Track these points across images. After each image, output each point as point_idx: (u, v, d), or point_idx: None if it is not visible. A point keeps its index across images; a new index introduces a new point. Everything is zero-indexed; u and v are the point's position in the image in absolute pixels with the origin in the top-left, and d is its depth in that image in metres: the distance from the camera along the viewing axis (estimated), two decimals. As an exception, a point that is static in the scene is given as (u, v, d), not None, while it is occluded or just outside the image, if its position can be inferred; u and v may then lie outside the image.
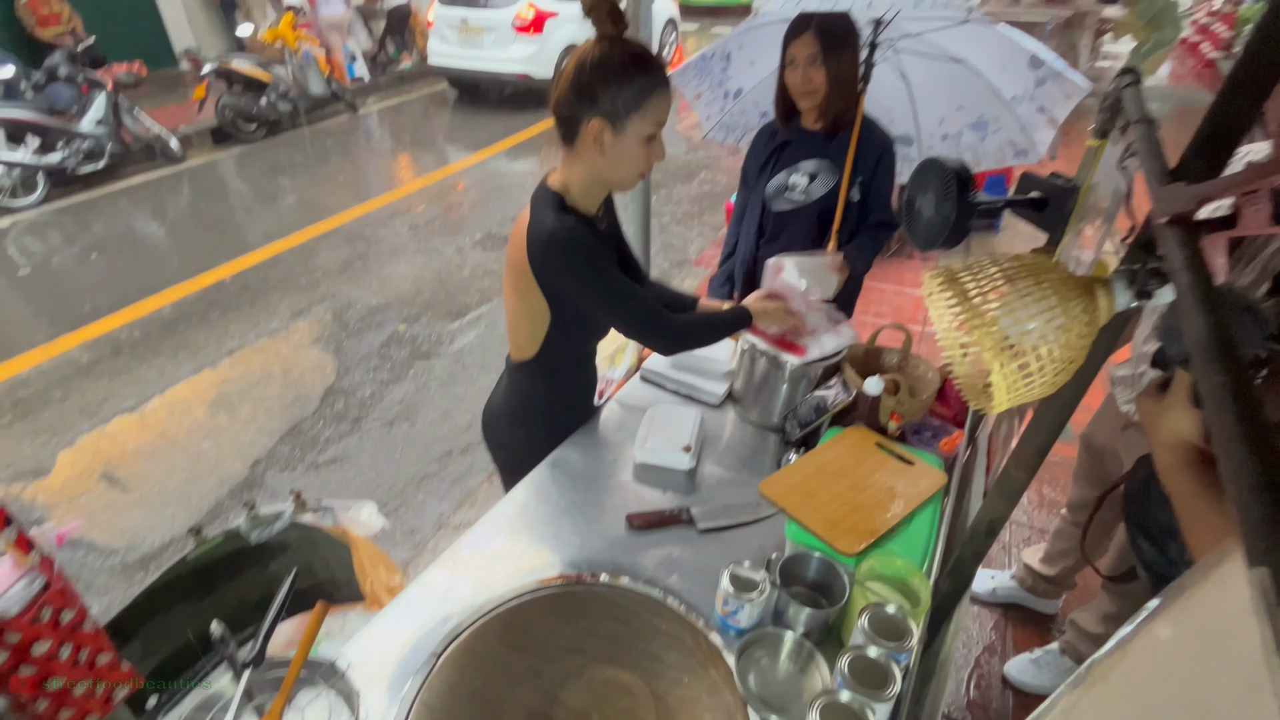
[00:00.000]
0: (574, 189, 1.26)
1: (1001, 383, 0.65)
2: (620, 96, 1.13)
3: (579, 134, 1.18)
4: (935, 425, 1.44)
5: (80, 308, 3.92)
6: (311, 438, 2.99)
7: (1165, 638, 0.36)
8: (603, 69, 1.12)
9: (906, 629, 0.95)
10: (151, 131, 5.86)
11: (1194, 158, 0.65)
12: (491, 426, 1.57)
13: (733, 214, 2.16)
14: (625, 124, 1.16)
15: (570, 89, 1.15)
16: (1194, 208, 0.58)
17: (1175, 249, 0.52)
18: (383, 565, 1.64)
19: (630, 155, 1.20)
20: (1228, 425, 0.33)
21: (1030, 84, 1.79)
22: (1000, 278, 0.67)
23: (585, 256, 1.22)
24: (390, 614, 1.11)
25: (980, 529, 0.98)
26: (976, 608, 2.08)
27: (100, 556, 2.39)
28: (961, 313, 0.67)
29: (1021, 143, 1.92)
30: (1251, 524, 0.27)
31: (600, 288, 1.26)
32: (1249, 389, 0.35)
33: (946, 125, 2.06)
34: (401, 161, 6.53)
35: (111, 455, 2.87)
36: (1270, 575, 0.25)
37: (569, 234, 1.19)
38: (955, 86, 1.95)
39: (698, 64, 2.09)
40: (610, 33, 1.14)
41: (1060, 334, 0.64)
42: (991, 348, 0.65)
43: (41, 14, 6.80)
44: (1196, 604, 0.36)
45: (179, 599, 1.51)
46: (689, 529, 1.28)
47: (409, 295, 4.11)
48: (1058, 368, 0.66)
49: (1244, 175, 0.59)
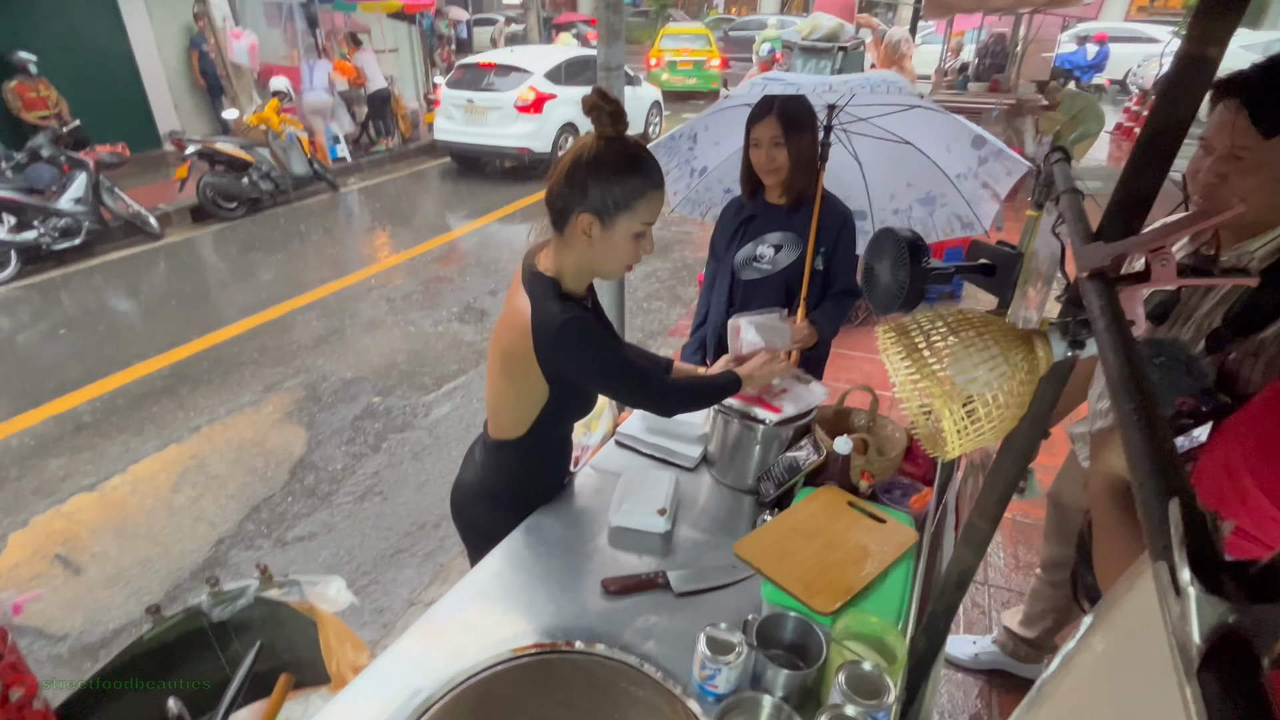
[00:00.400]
0: (566, 275, 1.28)
1: (952, 428, 0.69)
2: (611, 195, 1.17)
3: (569, 224, 1.22)
4: (905, 484, 1.46)
5: (44, 384, 3.84)
6: (279, 514, 2.90)
7: (1100, 650, 0.38)
8: (597, 167, 1.16)
9: (884, 686, 0.95)
10: (131, 209, 5.92)
11: (1111, 222, 0.72)
12: (464, 506, 1.53)
13: (703, 284, 2.24)
14: (614, 221, 1.20)
15: (564, 181, 1.19)
16: (1110, 263, 0.65)
17: (1094, 299, 0.57)
18: (350, 644, 1.58)
19: (617, 250, 1.24)
20: (1136, 444, 0.37)
21: (974, 162, 1.94)
22: (945, 330, 0.72)
23: (596, 344, 1.26)
24: (358, 686, 1.07)
25: (950, 582, 0.99)
26: (960, 675, 2.04)
27: (48, 642, 2.25)
28: (910, 363, 0.71)
29: (967, 216, 2.05)
30: (1154, 525, 0.31)
31: (613, 371, 1.31)
32: (1155, 415, 0.39)
33: (897, 200, 2.20)
34: (380, 238, 6.65)
35: (67, 535, 2.75)
36: (1166, 568, 0.28)
37: (578, 326, 1.22)
38: (903, 165, 2.09)
39: (667, 143, 2.22)
40: (609, 133, 1.18)
41: (1003, 380, 0.69)
42: (940, 395, 0.69)
43: (28, 98, 6.96)
44: (1120, 611, 0.39)
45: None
46: (665, 593, 1.27)
47: (384, 368, 4.10)
48: (1003, 413, 0.70)
49: (1151, 234, 0.66)
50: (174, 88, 8.87)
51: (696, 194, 2.38)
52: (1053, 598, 1.87)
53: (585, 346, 1.25)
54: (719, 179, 2.34)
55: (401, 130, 9.72)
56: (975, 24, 8.54)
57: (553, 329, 1.22)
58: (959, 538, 0.97)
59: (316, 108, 8.33)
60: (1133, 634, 0.36)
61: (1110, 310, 0.53)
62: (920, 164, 2.05)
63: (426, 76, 11.49)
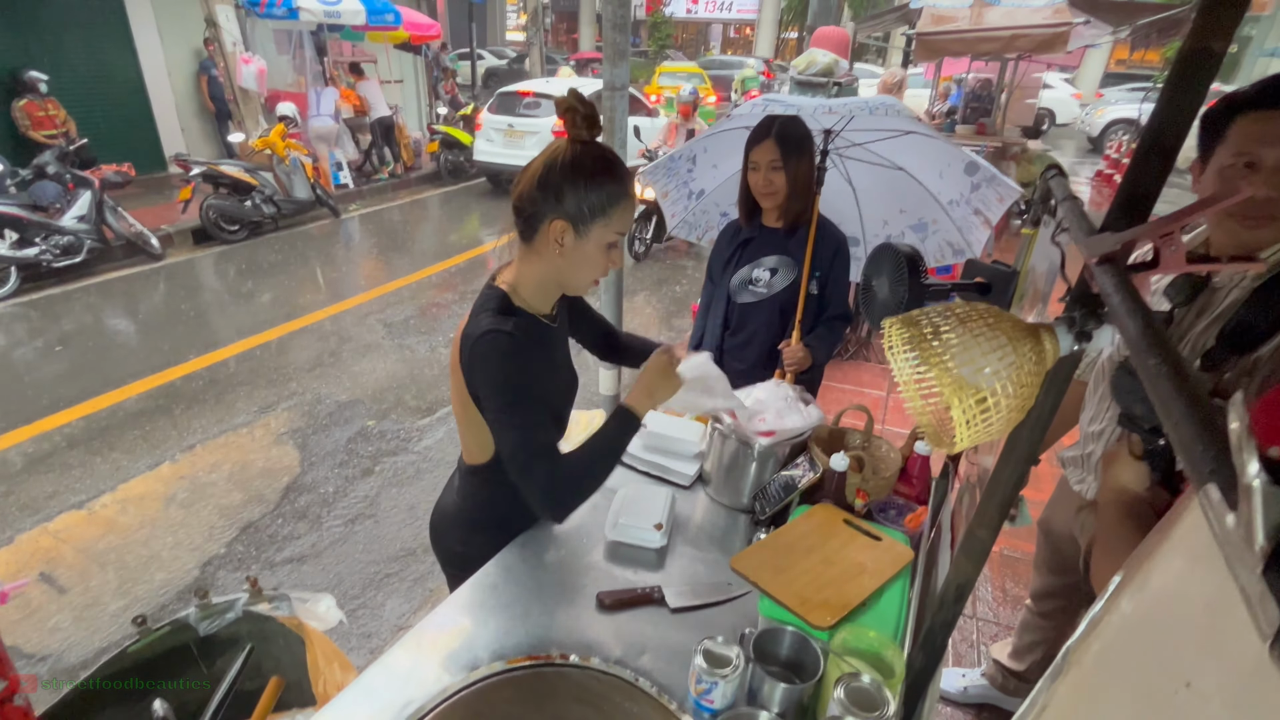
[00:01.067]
0: (525, 288, 1.23)
1: (961, 417, 0.70)
2: (588, 201, 1.13)
3: (539, 232, 1.16)
4: (899, 503, 1.47)
5: (38, 401, 3.82)
6: (269, 535, 2.87)
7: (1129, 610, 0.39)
8: (573, 172, 1.12)
9: (883, 699, 0.94)
10: (133, 229, 5.96)
11: (1116, 217, 0.75)
12: (443, 533, 1.48)
13: (699, 308, 2.27)
14: (589, 228, 1.15)
15: (536, 187, 1.14)
16: (1119, 249, 0.67)
17: (1106, 280, 0.60)
18: (337, 664, 1.55)
19: (589, 260, 1.19)
20: (1165, 391, 0.39)
21: (967, 188, 1.98)
22: (955, 320, 0.74)
23: (506, 368, 1.14)
24: (348, 696, 1.05)
25: (949, 595, 0.99)
26: (950, 709, 2.01)
27: (27, 663, 2.20)
28: (919, 353, 0.72)
29: (959, 243, 2.10)
30: (1194, 458, 0.33)
31: (504, 396, 1.15)
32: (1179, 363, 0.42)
33: (890, 226, 2.25)
34: (379, 264, 6.70)
35: (52, 554, 2.71)
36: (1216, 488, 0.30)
37: (496, 342, 1.13)
38: (897, 191, 2.14)
39: (666, 164, 2.27)
40: (584, 137, 1.14)
41: (1012, 370, 0.70)
42: (949, 384, 0.70)
43: (37, 116, 7.05)
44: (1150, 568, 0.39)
45: (116, 699, 1.40)
46: (660, 608, 1.26)
47: (379, 392, 4.10)
48: (1011, 404, 0.71)
49: (1160, 221, 0.68)
50: (181, 111, 9.00)
51: (694, 216, 2.43)
52: (1042, 629, 1.85)
53: (491, 365, 1.14)
54: (716, 202, 2.38)
55: (404, 159, 9.86)
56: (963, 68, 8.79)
57: (472, 339, 1.15)
58: (959, 548, 0.98)
59: (322, 134, 8.47)
60: (1167, 585, 0.37)
61: (1123, 287, 0.56)
62: (913, 190, 2.10)
63: (430, 107, 11.71)
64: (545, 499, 1.15)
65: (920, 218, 2.16)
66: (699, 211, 2.41)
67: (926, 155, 2.02)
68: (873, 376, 4.23)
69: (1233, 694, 0.29)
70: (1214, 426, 0.35)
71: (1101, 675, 0.41)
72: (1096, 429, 1.45)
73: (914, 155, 2.04)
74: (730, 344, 2.13)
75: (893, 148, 2.05)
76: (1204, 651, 0.32)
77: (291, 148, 7.30)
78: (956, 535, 1.43)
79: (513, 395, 1.15)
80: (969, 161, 1.95)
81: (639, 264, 6.63)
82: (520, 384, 1.16)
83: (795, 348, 1.89)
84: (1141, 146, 0.73)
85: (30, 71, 6.95)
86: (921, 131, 1.95)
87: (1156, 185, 0.74)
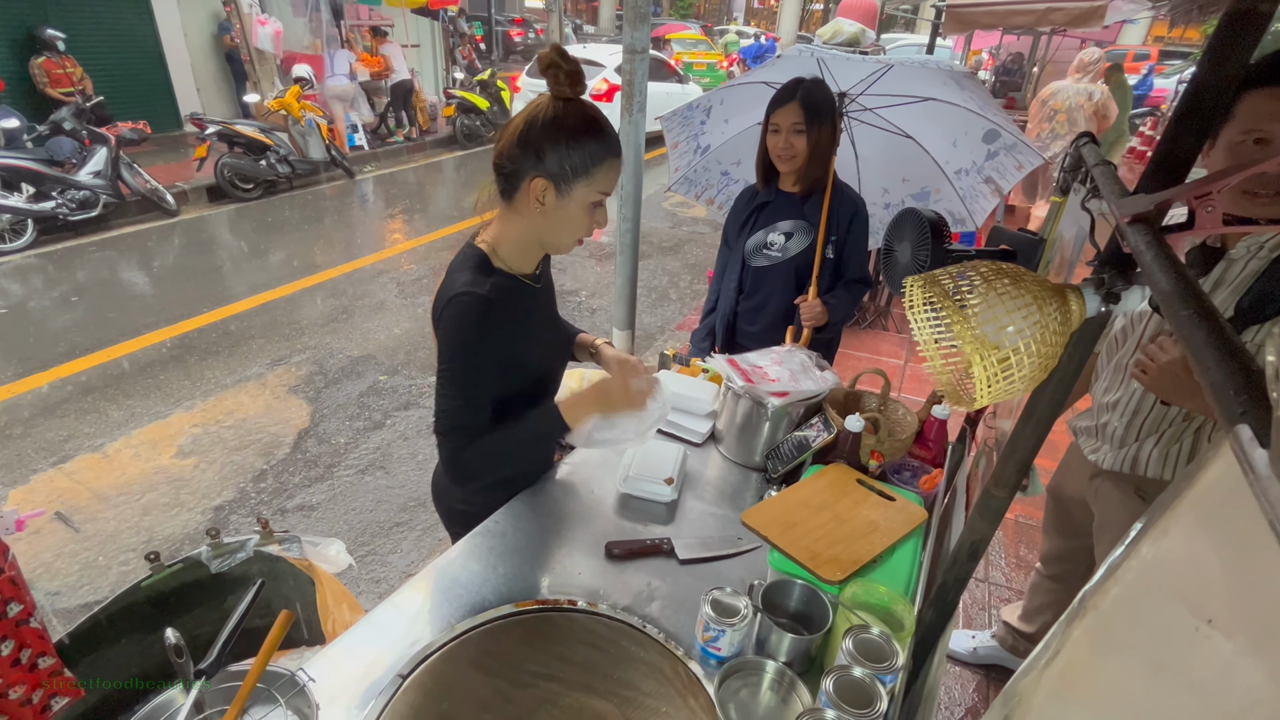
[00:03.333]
0: (505, 247, 1.19)
1: (982, 374, 0.68)
2: (570, 160, 1.08)
3: (520, 190, 1.12)
4: (914, 465, 1.45)
5: (54, 349, 3.85)
6: (280, 483, 2.90)
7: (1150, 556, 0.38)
8: (554, 129, 1.07)
9: (892, 651, 0.93)
10: (149, 185, 5.96)
11: (1150, 179, 0.72)
12: (445, 492, 1.46)
13: (715, 272, 2.24)
14: (571, 188, 1.11)
15: (517, 144, 1.09)
16: (1153, 209, 0.64)
17: (1138, 238, 0.57)
18: (346, 604, 1.57)
19: (571, 220, 1.15)
20: (1198, 339, 0.38)
21: (981, 157, 1.93)
22: (979, 279, 0.71)
23: (458, 328, 1.12)
24: (357, 632, 1.06)
25: (963, 552, 0.97)
26: (958, 669, 2.02)
27: (43, 597, 2.25)
28: (942, 311, 0.70)
29: (959, 213, 2.06)
30: (1227, 400, 0.33)
31: (452, 363, 1.14)
32: (1213, 312, 0.40)
33: (890, 195, 2.20)
34: (393, 225, 6.68)
35: (67, 494, 2.75)
36: (1248, 428, 0.29)
37: (466, 305, 1.11)
38: (901, 159, 2.10)
39: (684, 112, 2.21)
40: (567, 94, 1.09)
41: (1036, 330, 0.68)
42: (971, 341, 0.68)
43: (54, 73, 7.03)
44: (1172, 514, 0.38)
45: (129, 629, 1.43)
46: (669, 560, 1.26)
47: (391, 348, 4.11)
48: (1035, 362, 0.68)
49: (1197, 182, 0.65)
50: (197, 70, 8.94)
51: (695, 173, 2.37)
52: (1052, 591, 1.86)
53: (450, 328, 1.12)
54: (718, 160, 2.32)
55: (420, 122, 9.78)
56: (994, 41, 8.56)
57: (445, 299, 1.13)
58: (975, 506, 0.96)
59: (338, 93, 8.41)
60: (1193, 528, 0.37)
61: (1156, 243, 0.53)
62: (919, 159, 2.06)
63: (446, 72, 11.57)
64: (448, 467, 1.19)
65: (923, 186, 2.12)
66: (700, 168, 2.36)
67: (942, 123, 1.96)
68: (891, 346, 4.20)
69: (1257, 628, 0.30)
70: (1245, 370, 0.36)
71: (1119, 618, 0.41)
72: (1111, 399, 1.44)
73: (928, 123, 1.99)
74: (744, 307, 2.10)
75: (906, 115, 1.99)
76: (1229, 589, 0.33)
77: (307, 109, 7.25)
78: (972, 499, 1.41)
79: (459, 364, 1.14)
80: (989, 129, 1.89)
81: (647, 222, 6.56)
82: (471, 354, 1.13)
83: (813, 303, 1.86)
84: (1180, 108, 0.70)
85: (48, 29, 6.92)
86: (943, 99, 1.89)
87: (1194, 148, 0.71)
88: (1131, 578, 0.41)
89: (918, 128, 2.04)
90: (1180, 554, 0.37)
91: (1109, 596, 0.42)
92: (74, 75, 7.17)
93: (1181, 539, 0.37)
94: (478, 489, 1.38)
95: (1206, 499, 0.36)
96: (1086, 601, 0.43)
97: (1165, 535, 0.39)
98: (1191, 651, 0.33)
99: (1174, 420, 1.32)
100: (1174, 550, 0.38)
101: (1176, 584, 0.36)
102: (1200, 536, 0.36)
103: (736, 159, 2.32)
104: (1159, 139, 0.74)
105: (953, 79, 1.87)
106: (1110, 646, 0.42)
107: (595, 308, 4.87)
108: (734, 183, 2.40)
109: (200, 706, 0.88)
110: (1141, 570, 0.40)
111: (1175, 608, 0.35)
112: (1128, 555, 0.41)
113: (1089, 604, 0.43)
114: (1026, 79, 7.98)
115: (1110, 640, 0.41)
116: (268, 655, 0.90)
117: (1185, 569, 0.36)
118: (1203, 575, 0.35)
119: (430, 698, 0.99)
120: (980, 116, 1.92)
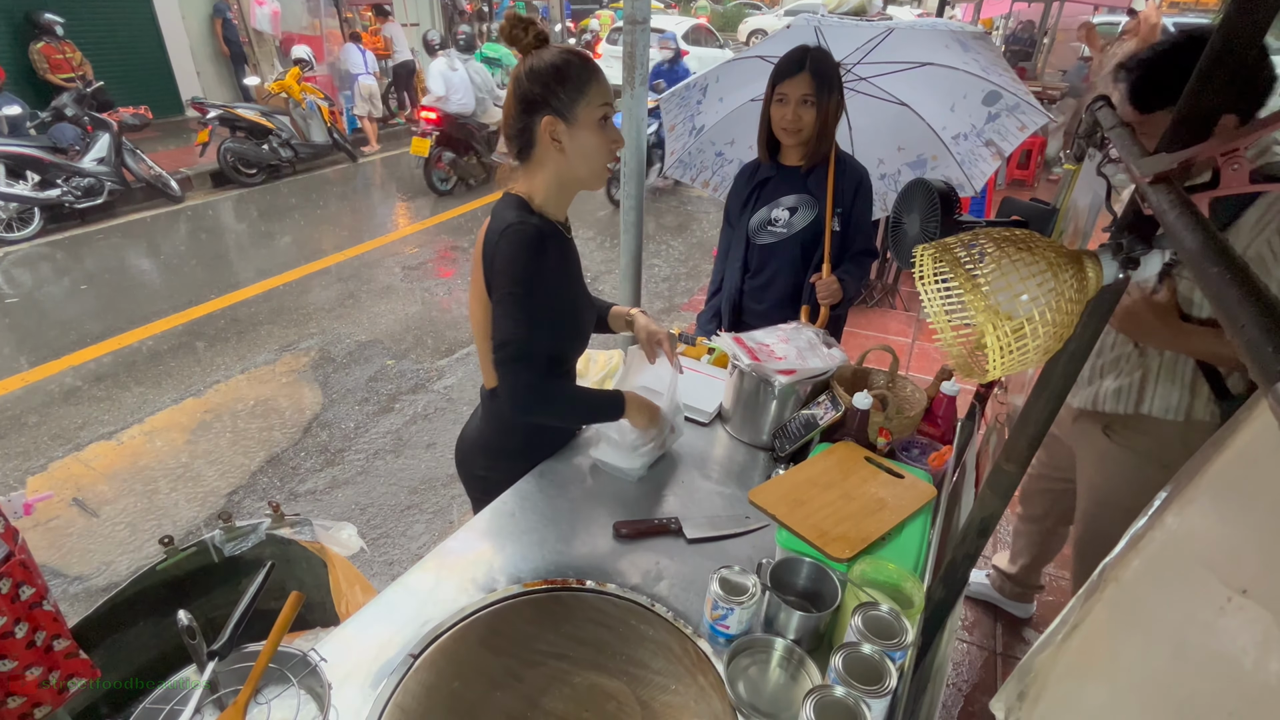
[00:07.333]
0: (539, 194, 1.24)
1: (995, 344, 0.66)
2: (564, 90, 1.16)
3: (535, 140, 1.20)
4: (923, 443, 1.44)
5: (65, 337, 3.88)
6: (291, 468, 2.93)
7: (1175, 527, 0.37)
8: (539, 72, 1.16)
9: (901, 628, 0.93)
10: (152, 171, 5.95)
11: (1172, 139, 0.69)
12: (467, 458, 1.50)
13: (719, 252, 2.21)
14: (574, 112, 1.18)
15: (516, 104, 1.19)
16: (1176, 167, 0.61)
17: (1160, 198, 0.55)
18: (359, 586, 1.58)
19: (589, 144, 1.20)
20: (1231, 297, 0.36)
21: (981, 119, 1.88)
22: (992, 245, 0.69)
23: (518, 252, 1.16)
24: (368, 613, 1.07)
25: (973, 528, 0.97)
26: (967, 645, 2.05)
27: (62, 582, 2.28)
28: (954, 280, 0.68)
29: (958, 178, 2.02)
30: (1265, 359, 0.31)
31: (515, 288, 1.17)
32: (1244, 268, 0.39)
33: (885, 165, 2.16)
34: (397, 207, 6.65)
35: (83, 481, 2.79)
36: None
37: (524, 232, 1.17)
38: (895, 128, 2.06)
39: (682, 92, 2.17)
40: (534, 46, 1.18)
41: (1051, 297, 0.66)
42: (984, 310, 0.66)
43: (54, 59, 6.98)
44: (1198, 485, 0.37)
45: (145, 613, 1.45)
46: (677, 539, 1.26)
47: (399, 332, 4.11)
48: (1049, 332, 0.67)
49: (1223, 138, 0.62)
50: (197, 54, 8.86)
51: (689, 155, 2.33)
52: (1028, 534, 2.00)
53: (510, 252, 1.16)
54: (712, 140, 2.28)
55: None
56: (1004, 9, 8.36)
57: (498, 231, 1.18)
58: (985, 482, 0.95)
59: (369, 93, 8.38)
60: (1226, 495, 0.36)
61: (1180, 201, 0.51)
62: (914, 126, 2.02)
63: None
64: (512, 399, 1.22)
65: (919, 154, 2.08)
66: (695, 150, 2.31)
67: (939, 88, 1.92)
68: (899, 324, 4.17)
69: None
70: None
71: (1141, 590, 0.40)
72: (1103, 361, 1.45)
73: (924, 89, 1.94)
74: (750, 286, 2.07)
75: (902, 82, 1.94)
76: (1267, 558, 0.31)
77: (307, 91, 7.18)
78: (981, 475, 1.40)
79: (523, 287, 1.18)
80: (990, 91, 1.84)
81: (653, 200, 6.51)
82: (534, 278, 1.18)
83: (828, 280, 1.84)
84: (1206, 59, 0.67)
85: (47, 14, 6.83)
86: (940, 62, 1.83)
87: (1220, 102, 0.68)
88: (1155, 549, 0.40)
89: (913, 95, 2.00)
90: (1210, 522, 0.36)
91: (1130, 568, 0.41)
92: (74, 60, 7.12)
93: (1211, 507, 0.36)
94: (501, 456, 1.44)
95: (1238, 464, 0.35)
96: (1106, 574, 0.42)
97: (1192, 504, 0.38)
98: (1221, 624, 0.32)
99: (1130, 357, 1.42)
100: (1203, 519, 0.37)
101: (1206, 553, 0.35)
102: (1233, 503, 0.35)
103: (730, 138, 2.28)
104: (1184, 92, 0.71)
105: (957, 40, 1.82)
106: (1132, 620, 0.41)
107: (600, 289, 4.85)
108: (729, 163, 2.36)
109: (214, 686, 0.89)
110: (1166, 540, 0.39)
111: (1204, 578, 0.34)
112: (1151, 525, 0.40)
113: (1109, 576, 0.42)
114: (1037, 48, 7.81)
115: (1132, 613, 0.41)
116: (279, 635, 0.91)
117: (1216, 538, 0.35)
118: (1236, 544, 0.34)
119: (442, 676, 1.00)
120: (981, 79, 1.86)
